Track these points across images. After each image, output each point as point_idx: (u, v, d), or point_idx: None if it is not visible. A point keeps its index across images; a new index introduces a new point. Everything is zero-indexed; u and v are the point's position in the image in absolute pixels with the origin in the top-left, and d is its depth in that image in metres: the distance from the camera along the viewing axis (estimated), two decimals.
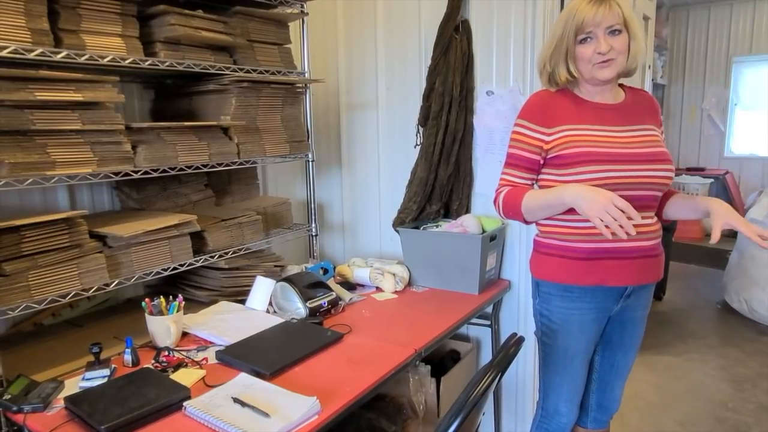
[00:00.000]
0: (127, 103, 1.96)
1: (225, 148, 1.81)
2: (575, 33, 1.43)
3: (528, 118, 1.53)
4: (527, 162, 1.53)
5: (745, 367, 3.16)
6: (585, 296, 1.52)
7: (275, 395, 1.26)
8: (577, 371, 1.60)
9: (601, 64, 1.42)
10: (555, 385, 1.63)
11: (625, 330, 1.61)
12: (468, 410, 1.12)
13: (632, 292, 1.54)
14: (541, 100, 1.54)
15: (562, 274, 1.52)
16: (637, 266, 1.48)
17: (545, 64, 1.52)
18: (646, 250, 1.49)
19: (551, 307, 1.58)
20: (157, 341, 1.56)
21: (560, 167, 1.48)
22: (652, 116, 1.55)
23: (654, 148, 1.47)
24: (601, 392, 1.71)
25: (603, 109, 1.51)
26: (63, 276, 1.41)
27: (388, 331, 1.71)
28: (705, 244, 5.82)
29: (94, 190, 1.91)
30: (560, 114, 1.50)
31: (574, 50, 1.45)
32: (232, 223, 1.89)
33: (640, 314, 1.60)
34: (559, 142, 1.48)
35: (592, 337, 1.58)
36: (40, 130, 1.34)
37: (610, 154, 1.43)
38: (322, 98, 2.61)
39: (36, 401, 1.24)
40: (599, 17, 1.39)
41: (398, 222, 2.30)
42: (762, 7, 6.13)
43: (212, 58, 1.80)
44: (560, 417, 1.64)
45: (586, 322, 1.55)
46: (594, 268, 1.48)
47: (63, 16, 1.42)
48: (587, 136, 1.46)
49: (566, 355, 1.59)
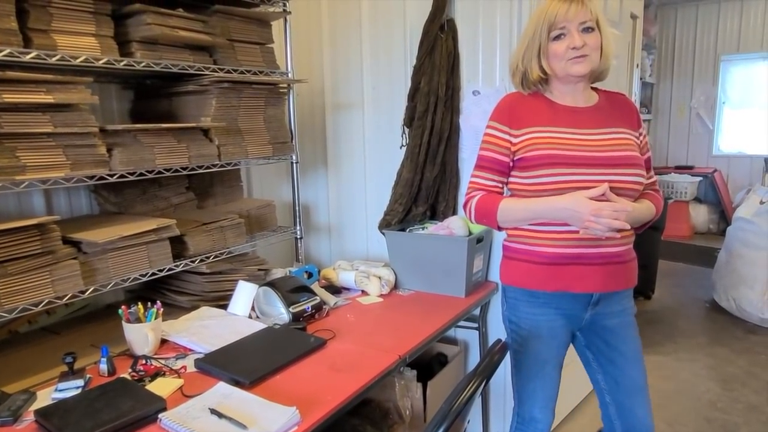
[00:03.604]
0: (105, 105, 1.91)
1: (205, 150, 1.77)
2: (548, 30, 1.42)
3: (497, 119, 1.52)
4: (497, 164, 1.52)
5: (734, 366, 3.16)
6: (551, 302, 1.50)
7: (254, 405, 1.23)
8: (549, 376, 1.57)
9: (576, 59, 1.41)
10: (529, 392, 1.59)
11: (609, 342, 1.55)
12: (451, 420, 1.10)
13: (600, 299, 1.50)
14: (510, 101, 1.53)
15: (527, 279, 1.51)
16: (602, 273, 1.45)
17: (518, 64, 1.51)
18: (612, 256, 1.45)
19: (519, 314, 1.56)
20: (135, 349, 1.52)
21: (524, 170, 1.47)
22: (627, 119, 1.52)
23: (623, 152, 1.44)
24: (623, 418, 1.58)
25: (573, 111, 1.49)
26: (35, 284, 1.36)
27: (372, 336, 1.68)
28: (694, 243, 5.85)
29: (71, 194, 1.86)
30: (528, 116, 1.48)
31: (547, 47, 1.44)
32: (213, 227, 1.85)
33: (616, 321, 1.53)
34: (524, 144, 1.46)
35: (562, 343, 1.55)
36: (8, 134, 1.30)
37: (575, 157, 1.41)
38: (306, 98, 2.57)
39: (5, 414, 1.20)
40: (572, 13, 1.39)
41: (384, 224, 2.26)
42: (749, 5, 6.16)
43: (191, 58, 1.76)
44: (536, 423, 1.60)
45: (555, 328, 1.52)
46: (558, 274, 1.46)
47: (32, 15, 1.37)
48: (552, 138, 1.44)
49: (537, 362, 1.55)
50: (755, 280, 3.72)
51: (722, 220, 6.18)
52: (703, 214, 6.28)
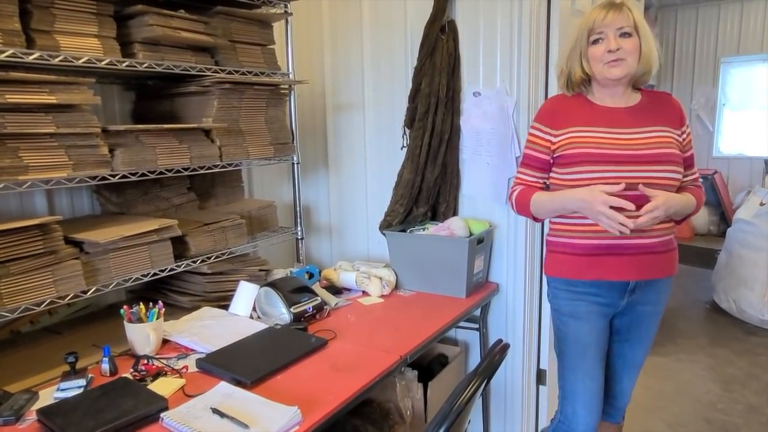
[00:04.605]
0: (107, 105, 1.92)
1: (207, 150, 1.77)
2: (588, 34, 1.54)
3: (539, 120, 1.65)
4: (537, 161, 1.64)
5: (734, 367, 3.17)
6: (590, 290, 1.60)
7: (256, 405, 1.23)
8: (591, 366, 1.63)
9: (612, 63, 1.51)
10: (570, 384, 1.67)
11: (632, 323, 1.67)
12: (452, 420, 1.10)
13: (636, 287, 1.59)
14: (553, 104, 1.67)
15: (566, 269, 1.62)
16: (636, 262, 1.54)
17: (562, 68, 1.63)
18: (646, 247, 1.54)
19: (560, 302, 1.66)
20: (137, 349, 1.52)
21: (562, 166, 1.58)
22: (669, 118, 1.59)
23: (659, 149, 1.51)
24: (608, 383, 1.75)
25: (612, 111, 1.58)
26: (37, 284, 1.37)
27: (373, 336, 1.68)
28: (694, 244, 5.84)
29: (73, 194, 1.87)
30: (569, 116, 1.59)
31: (586, 51, 1.56)
32: (215, 227, 1.85)
33: (649, 309, 1.65)
34: (564, 143, 1.57)
35: (601, 331, 1.63)
36: (11, 134, 1.30)
37: (612, 155, 1.50)
38: (307, 99, 2.58)
39: (8, 413, 1.20)
40: (608, 19, 1.50)
41: (385, 225, 2.27)
42: (749, 7, 6.17)
43: (193, 59, 1.76)
44: (578, 421, 1.66)
45: (593, 312, 1.61)
46: (594, 264, 1.56)
47: (36, 16, 1.37)
48: (590, 137, 1.54)
49: (577, 346, 1.63)
50: (755, 281, 3.72)
51: (722, 222, 6.18)
52: (703, 216, 6.28)
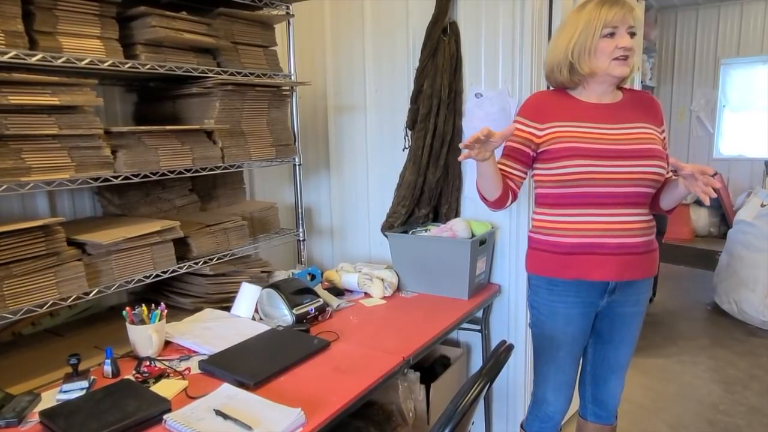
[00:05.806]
0: (108, 107, 1.92)
1: (209, 152, 1.77)
2: (601, 28, 1.48)
3: (523, 114, 1.63)
4: (517, 153, 1.61)
5: (736, 368, 3.16)
6: (569, 290, 1.58)
7: (259, 407, 1.22)
8: (563, 361, 1.65)
9: (620, 60, 1.49)
10: (543, 374, 1.70)
11: (614, 325, 1.65)
12: (456, 421, 1.10)
13: (616, 288, 1.57)
14: (536, 99, 1.64)
15: (546, 267, 1.60)
16: (617, 262, 1.52)
17: (561, 59, 1.55)
18: (628, 246, 1.52)
19: (539, 299, 1.65)
20: (139, 351, 1.52)
21: (548, 161, 1.55)
22: (650, 115, 1.59)
23: (645, 145, 1.50)
24: (595, 385, 1.75)
25: (597, 108, 1.57)
26: (39, 285, 1.37)
27: (375, 338, 1.68)
28: (695, 246, 5.84)
29: (75, 196, 1.87)
30: (554, 111, 1.57)
31: (593, 45, 1.50)
32: (216, 229, 1.85)
33: (629, 310, 1.62)
34: (549, 138, 1.55)
35: (578, 330, 1.62)
36: (14, 135, 1.30)
37: (596, 149, 1.48)
38: (309, 101, 2.58)
39: (10, 415, 1.19)
40: (624, 17, 1.48)
41: (387, 226, 2.27)
42: (749, 9, 6.17)
43: (195, 60, 1.77)
44: (548, 405, 1.70)
45: (572, 315, 1.60)
46: (574, 263, 1.54)
47: (38, 17, 1.37)
48: (575, 132, 1.52)
49: (552, 345, 1.64)
50: (756, 282, 3.72)
51: (723, 223, 6.17)
52: (704, 217, 6.28)
